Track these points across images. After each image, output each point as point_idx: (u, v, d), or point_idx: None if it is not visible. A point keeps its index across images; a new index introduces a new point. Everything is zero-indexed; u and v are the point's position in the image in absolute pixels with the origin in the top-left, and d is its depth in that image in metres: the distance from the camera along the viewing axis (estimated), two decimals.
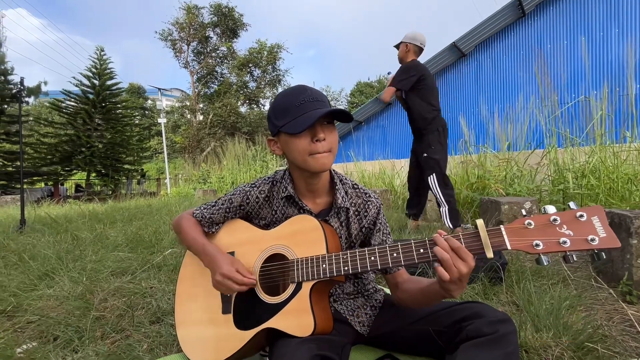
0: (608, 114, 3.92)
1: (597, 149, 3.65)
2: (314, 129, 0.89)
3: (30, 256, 1.99)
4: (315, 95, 0.93)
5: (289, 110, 0.91)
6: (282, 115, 0.92)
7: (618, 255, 1.54)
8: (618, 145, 3.73)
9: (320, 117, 0.88)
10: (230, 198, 1.09)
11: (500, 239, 0.72)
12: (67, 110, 13.62)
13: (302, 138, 0.90)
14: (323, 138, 0.89)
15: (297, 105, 0.90)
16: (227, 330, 0.96)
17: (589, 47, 7.64)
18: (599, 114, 3.83)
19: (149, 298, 1.52)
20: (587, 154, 3.77)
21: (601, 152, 3.60)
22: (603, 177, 3.37)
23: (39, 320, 1.29)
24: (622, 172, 3.29)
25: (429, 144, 2.92)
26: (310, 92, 0.93)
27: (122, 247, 2.35)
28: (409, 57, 3.02)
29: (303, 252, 0.93)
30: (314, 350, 0.78)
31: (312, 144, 0.89)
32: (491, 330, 0.80)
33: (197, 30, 21.19)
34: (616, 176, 3.28)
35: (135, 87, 29.43)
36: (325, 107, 0.91)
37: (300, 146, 0.90)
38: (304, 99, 0.90)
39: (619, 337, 1.15)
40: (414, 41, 2.99)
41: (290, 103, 0.91)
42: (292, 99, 0.92)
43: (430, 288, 0.86)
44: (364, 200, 1.05)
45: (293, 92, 0.94)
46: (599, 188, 3.32)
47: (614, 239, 0.66)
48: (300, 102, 0.90)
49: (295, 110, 0.90)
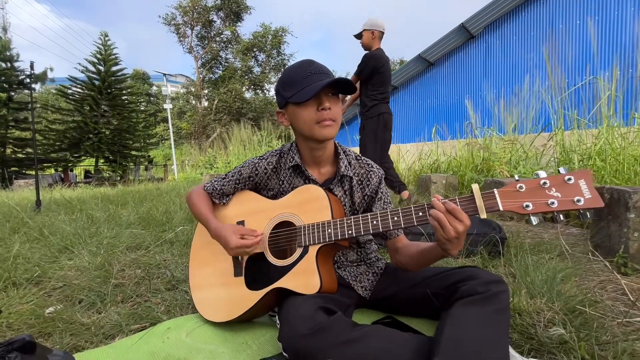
0: (617, 95, 3.86)
1: (604, 131, 3.61)
2: (319, 98, 0.95)
3: (50, 232, 2.09)
4: (322, 68, 0.98)
5: (296, 82, 0.96)
6: (290, 87, 0.97)
7: (616, 229, 1.58)
8: (627, 127, 3.70)
9: (326, 87, 0.93)
10: (239, 170, 1.15)
11: (493, 201, 0.77)
12: (73, 96, 13.72)
13: (308, 107, 0.95)
14: (328, 107, 0.94)
15: (304, 77, 0.95)
16: (239, 291, 1.03)
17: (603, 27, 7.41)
18: (607, 94, 3.77)
19: (163, 269, 1.61)
20: (594, 136, 3.74)
21: (608, 134, 3.57)
22: (609, 159, 3.36)
23: (64, 287, 1.38)
24: (628, 153, 3.28)
25: (362, 127, 3.19)
26: (317, 65, 0.98)
27: (135, 225, 2.45)
28: (375, 43, 3.10)
29: (309, 219, 0.99)
30: (319, 303, 0.85)
31: (318, 112, 0.95)
32: (484, 289, 0.86)
33: (200, 14, 20.90)
34: (622, 158, 3.27)
35: (140, 73, 29.34)
36: (329, 77, 0.96)
37: (307, 115, 0.96)
38: (311, 71, 0.95)
39: (609, 303, 1.21)
40: (378, 27, 3.07)
41: (297, 75, 0.96)
42: (299, 72, 0.97)
43: (429, 249, 0.92)
44: (367, 170, 1.11)
45: (300, 66, 0.99)
46: (605, 170, 3.31)
47: (598, 199, 0.70)
48: (307, 74, 0.95)
49: (302, 81, 0.95)
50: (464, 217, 0.77)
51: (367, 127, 3.15)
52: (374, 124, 3.11)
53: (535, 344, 0.98)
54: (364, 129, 3.17)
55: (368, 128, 3.14)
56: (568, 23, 7.91)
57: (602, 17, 7.48)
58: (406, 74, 10.44)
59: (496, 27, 9.01)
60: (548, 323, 1.06)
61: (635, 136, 3.54)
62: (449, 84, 9.81)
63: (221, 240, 1.04)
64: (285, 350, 0.80)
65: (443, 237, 0.79)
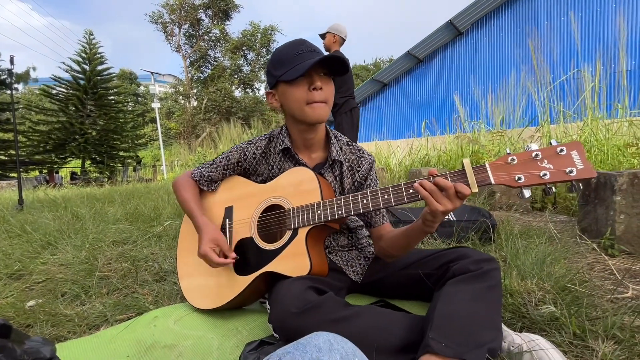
0: (600, 88, 3.95)
1: (589, 122, 3.69)
2: (310, 77, 0.92)
3: (33, 229, 2.02)
4: (313, 47, 0.96)
5: (287, 60, 0.93)
6: (280, 65, 0.95)
7: (602, 212, 1.61)
8: (610, 119, 3.78)
9: (317, 66, 0.90)
10: (227, 156, 1.12)
11: (484, 174, 0.76)
12: (58, 96, 13.38)
13: (299, 86, 0.92)
14: (320, 87, 0.92)
15: (295, 55, 0.93)
16: (228, 276, 1.01)
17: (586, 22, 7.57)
18: (590, 86, 3.85)
19: (151, 262, 1.57)
20: (579, 128, 3.81)
21: (593, 126, 3.65)
22: (594, 149, 3.43)
23: (46, 281, 1.33)
24: (612, 143, 3.35)
25: (339, 124, 3.35)
26: (309, 44, 0.96)
27: (122, 221, 2.39)
28: (334, 47, 3.33)
29: (299, 202, 0.97)
30: (309, 283, 0.83)
31: (309, 92, 0.92)
32: (476, 267, 0.86)
33: (188, 12, 20.63)
34: (607, 148, 3.34)
35: (127, 72, 28.81)
36: (321, 55, 0.94)
37: (298, 94, 0.93)
38: (303, 49, 0.93)
39: (597, 282, 1.22)
40: (340, 33, 3.31)
41: (288, 53, 0.94)
42: (290, 50, 0.94)
43: (411, 226, 0.90)
44: (358, 157, 1.09)
45: (291, 44, 0.96)
46: (590, 159, 3.38)
47: (590, 169, 0.70)
48: (298, 52, 0.93)
49: (294, 59, 0.92)
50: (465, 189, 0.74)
51: (343, 123, 3.36)
52: (349, 119, 3.36)
53: (527, 322, 0.98)
54: (340, 125, 3.38)
55: (345, 122, 3.36)
56: (552, 19, 8.07)
57: (584, 12, 7.65)
58: (396, 70, 10.50)
59: (483, 23, 9.13)
60: (539, 302, 1.07)
61: (618, 127, 3.63)
62: (438, 79, 9.90)
63: (198, 238, 1.02)
64: (276, 330, 0.78)
65: (437, 209, 0.77)
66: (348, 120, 3.37)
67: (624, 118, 3.74)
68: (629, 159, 3.11)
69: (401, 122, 10.49)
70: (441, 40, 9.58)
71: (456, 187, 0.76)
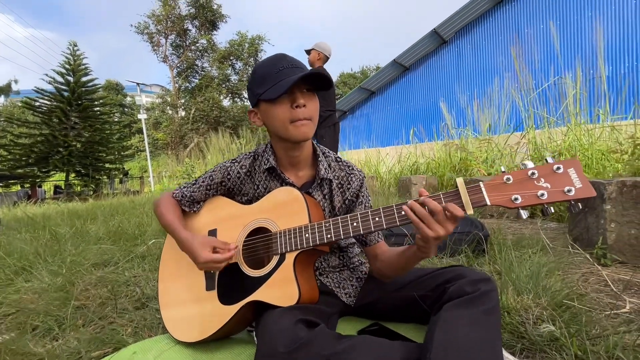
0: (582, 94, 4.04)
1: (572, 128, 3.76)
2: (293, 95, 0.88)
3: (6, 252, 1.91)
4: (295, 62, 0.92)
5: (268, 77, 0.89)
6: (261, 83, 0.90)
7: (593, 221, 1.60)
8: (592, 124, 3.87)
9: (300, 82, 0.86)
10: (210, 175, 1.07)
11: (479, 195, 0.73)
12: (40, 109, 13.04)
13: (282, 104, 0.88)
14: (303, 104, 0.88)
15: (275, 72, 0.88)
16: (212, 306, 0.94)
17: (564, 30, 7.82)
18: (572, 93, 3.94)
19: (132, 286, 1.49)
20: (563, 134, 3.89)
21: (576, 131, 3.72)
22: (578, 154, 3.49)
23: (16, 313, 1.24)
24: (596, 148, 3.41)
25: (321, 137, 3.44)
26: (290, 59, 0.92)
27: (104, 240, 2.29)
28: (318, 63, 3.46)
29: (285, 224, 0.92)
30: (299, 316, 0.77)
31: (292, 110, 0.88)
32: (473, 289, 0.82)
33: (174, 22, 20.56)
34: (591, 153, 3.40)
35: (113, 83, 28.42)
36: (303, 71, 0.90)
37: (281, 113, 0.89)
38: (283, 65, 0.89)
39: (594, 295, 1.20)
40: (325, 51, 3.45)
41: (269, 70, 0.90)
42: (270, 67, 0.90)
43: (407, 250, 0.87)
44: (347, 173, 1.05)
45: (272, 60, 0.92)
46: None
47: (589, 188, 0.67)
48: (279, 68, 0.89)
49: (274, 76, 0.88)
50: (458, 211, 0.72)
51: (326, 136, 3.46)
52: (332, 132, 3.47)
53: (527, 343, 0.95)
54: (323, 138, 3.47)
55: (328, 136, 3.46)
56: (533, 27, 8.31)
57: (563, 21, 7.90)
58: (383, 78, 10.62)
59: (466, 32, 9.34)
60: (537, 320, 1.04)
61: (600, 132, 3.71)
62: (424, 87, 10.05)
63: (190, 253, 0.95)
64: None
65: (428, 235, 0.74)
66: (330, 133, 3.43)
67: (605, 123, 3.83)
68: (612, 164, 3.17)
69: (389, 129, 10.58)
70: (426, 49, 9.76)
71: (447, 208, 0.72)
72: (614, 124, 3.76)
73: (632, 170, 2.46)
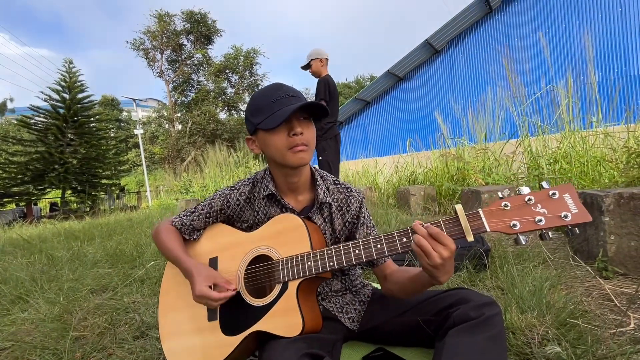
0: (574, 101, 4.10)
1: (566, 135, 3.80)
2: (290, 123, 0.89)
3: (1, 280, 1.88)
4: (291, 91, 0.93)
5: (265, 107, 0.91)
6: (259, 113, 0.92)
7: (592, 233, 1.61)
8: (586, 130, 3.91)
9: (297, 111, 0.88)
10: (210, 203, 1.06)
11: (479, 222, 0.74)
12: (36, 126, 13.04)
13: (279, 133, 0.89)
14: (300, 132, 0.89)
15: (272, 102, 0.90)
16: (214, 337, 0.93)
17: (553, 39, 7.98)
18: (565, 101, 4.00)
19: (132, 313, 1.46)
20: (557, 141, 3.93)
21: (570, 138, 3.76)
22: (574, 161, 3.52)
23: (12, 347, 1.21)
24: (591, 155, 3.45)
25: (323, 149, 3.37)
26: (286, 88, 0.93)
27: (101, 263, 2.26)
28: (324, 70, 3.40)
29: (287, 251, 0.91)
30: (304, 349, 0.76)
31: (290, 138, 0.89)
32: (477, 314, 0.81)
33: (170, 38, 20.80)
34: (586, 160, 3.43)
35: (109, 99, 28.53)
36: (300, 101, 0.91)
37: (278, 141, 0.90)
38: (280, 95, 0.90)
39: (598, 312, 1.19)
40: (323, 55, 3.39)
41: (265, 100, 0.91)
42: (267, 97, 0.91)
43: (418, 276, 0.87)
44: (346, 195, 1.05)
45: (269, 90, 0.93)
46: (571, 172, 3.46)
47: (585, 214, 0.68)
48: (275, 98, 0.90)
49: (272, 106, 0.90)
50: (449, 241, 0.73)
51: (328, 148, 3.41)
52: (333, 144, 3.41)
53: None
54: (325, 151, 3.43)
55: (329, 148, 3.41)
56: (522, 36, 8.48)
57: (551, 30, 8.08)
58: (377, 89, 10.74)
59: (458, 42, 9.51)
60: (542, 340, 1.03)
61: (595, 139, 3.75)
62: (419, 97, 10.18)
63: (189, 280, 0.95)
64: None
65: (428, 265, 0.75)
66: (332, 145, 3.40)
67: (599, 129, 3.88)
68: (608, 171, 3.20)
69: (386, 139, 10.66)
70: (419, 59, 9.91)
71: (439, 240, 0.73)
72: (607, 130, 3.81)
73: (628, 179, 2.48)
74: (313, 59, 3.38)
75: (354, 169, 7.13)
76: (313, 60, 3.38)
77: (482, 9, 8.85)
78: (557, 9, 8.11)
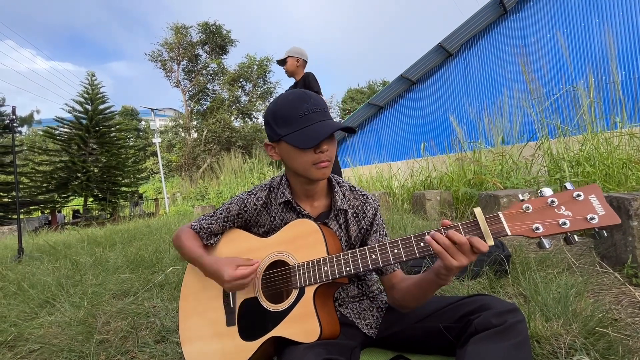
0: (596, 101, 3.97)
1: (589, 137, 3.67)
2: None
3: (30, 284, 1.96)
4: (318, 104, 0.92)
5: (292, 119, 0.90)
6: (285, 124, 0.91)
7: (620, 238, 1.54)
8: (609, 131, 3.77)
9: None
10: (227, 207, 1.08)
11: (499, 225, 0.72)
12: (60, 137, 13.63)
13: (306, 151, 0.90)
14: (326, 149, 0.90)
15: (300, 115, 0.89)
16: (233, 342, 0.94)
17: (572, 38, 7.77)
18: (587, 102, 3.87)
19: (152, 317, 1.49)
20: (580, 143, 3.80)
21: (593, 140, 3.63)
22: (598, 163, 3.39)
23: (41, 349, 1.26)
24: (616, 157, 3.31)
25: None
26: (313, 101, 0.92)
27: (122, 268, 2.32)
28: (299, 71, 3.19)
29: (304, 257, 0.92)
30: (323, 355, 0.76)
31: (316, 155, 0.90)
32: (499, 321, 0.79)
33: (186, 49, 21.42)
34: (611, 162, 3.30)
35: (128, 109, 29.53)
36: (327, 117, 0.92)
37: (305, 157, 0.90)
38: (308, 109, 0.90)
39: (629, 320, 1.14)
40: (302, 56, 3.19)
41: (293, 112, 0.91)
42: (295, 108, 0.91)
43: (424, 278, 0.86)
44: (362, 202, 1.05)
45: (295, 100, 0.92)
46: (595, 175, 3.33)
47: (613, 216, 0.66)
48: (304, 112, 0.90)
49: (300, 120, 0.89)
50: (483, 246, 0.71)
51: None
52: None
53: None
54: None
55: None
56: (539, 36, 8.30)
57: (570, 29, 7.87)
58: (390, 93, 10.70)
59: (472, 44, 9.39)
60: (570, 349, 0.99)
61: (619, 140, 3.60)
62: (433, 100, 10.07)
63: (216, 274, 0.97)
64: None
65: (453, 265, 0.73)
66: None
67: (623, 130, 3.73)
68: (635, 173, 3.06)
69: (400, 143, 10.57)
70: (432, 63, 9.83)
71: (471, 242, 0.72)
72: (632, 130, 3.66)
73: None
74: (290, 55, 3.16)
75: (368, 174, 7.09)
76: (290, 57, 3.16)
77: (496, 10, 8.73)
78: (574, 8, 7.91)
